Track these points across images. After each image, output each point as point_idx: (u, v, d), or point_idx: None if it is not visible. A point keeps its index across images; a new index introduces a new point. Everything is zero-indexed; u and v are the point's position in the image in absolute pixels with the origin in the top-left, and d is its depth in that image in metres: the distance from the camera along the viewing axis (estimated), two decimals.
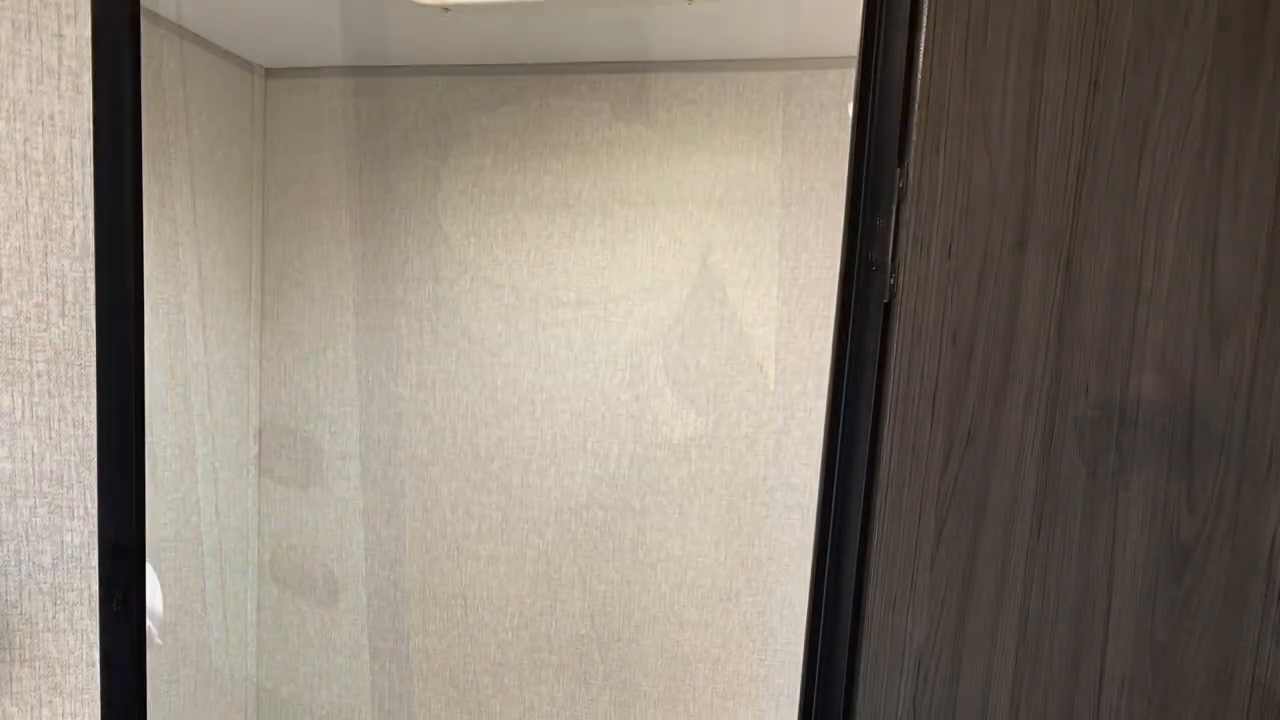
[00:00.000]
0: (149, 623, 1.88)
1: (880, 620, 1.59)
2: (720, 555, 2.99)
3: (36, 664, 1.71)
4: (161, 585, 2.62)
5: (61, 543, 1.71)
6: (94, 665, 1.74)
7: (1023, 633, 1.54)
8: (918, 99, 1.50)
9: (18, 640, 1.69)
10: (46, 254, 1.67)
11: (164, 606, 2.66)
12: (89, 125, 1.67)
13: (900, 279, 1.53)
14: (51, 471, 1.69)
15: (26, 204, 1.66)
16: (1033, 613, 1.54)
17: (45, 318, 1.68)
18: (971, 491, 1.54)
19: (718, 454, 3.01)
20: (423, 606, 3.17)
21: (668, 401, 3.05)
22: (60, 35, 1.65)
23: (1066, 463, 1.52)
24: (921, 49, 1.49)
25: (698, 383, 3.04)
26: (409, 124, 3.16)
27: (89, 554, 1.72)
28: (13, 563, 1.68)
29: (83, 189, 1.68)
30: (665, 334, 3.06)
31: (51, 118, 1.66)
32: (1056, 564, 1.52)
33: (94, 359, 1.70)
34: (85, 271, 1.69)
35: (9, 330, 1.67)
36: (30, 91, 1.65)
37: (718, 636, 3.00)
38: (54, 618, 1.71)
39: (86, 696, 1.74)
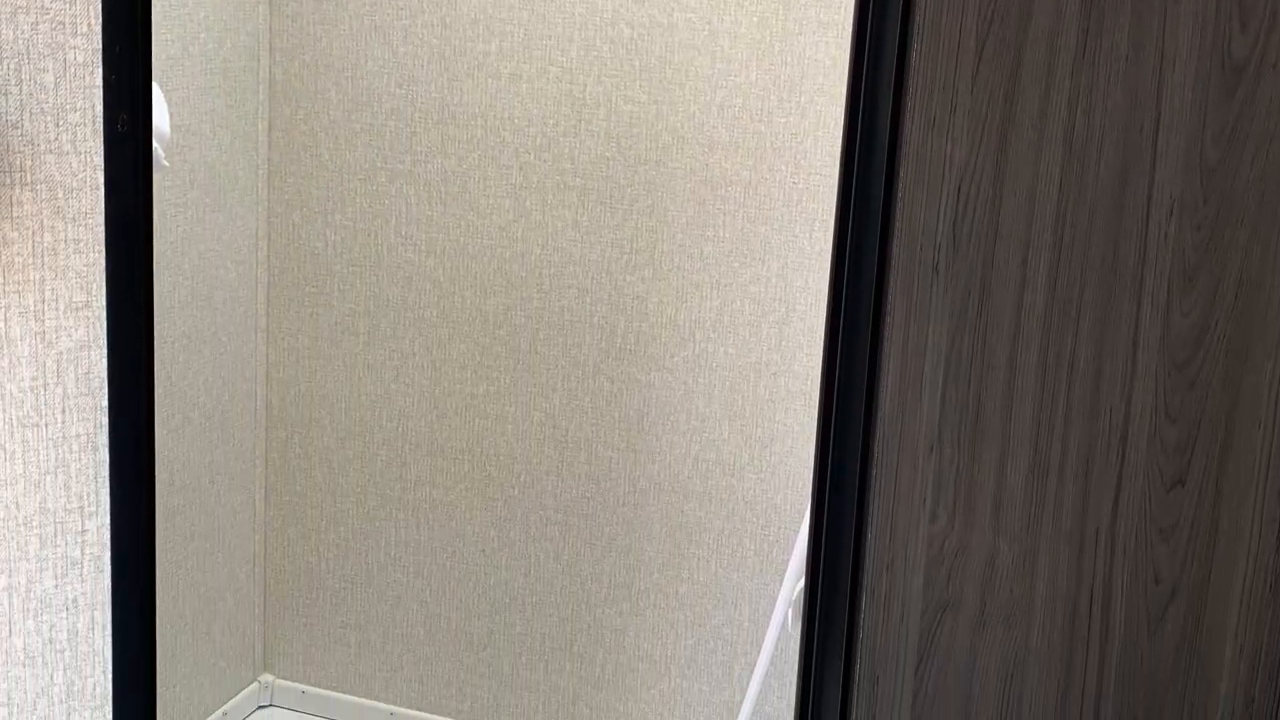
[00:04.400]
0: (155, 144, 1.89)
1: (919, 142, 1.59)
2: (751, 74, 2.97)
3: (38, 187, 1.72)
4: (169, 105, 2.63)
5: (64, 60, 1.70)
6: (98, 188, 1.75)
7: (1067, 153, 1.54)
8: None
9: (18, 162, 1.70)
10: None
11: (170, 127, 2.67)
12: None
13: None
14: None
15: None
16: (1078, 132, 1.54)
17: None
18: (1015, 6, 1.53)
19: None
20: (441, 128, 3.17)
21: None
22: None
23: None
24: None
25: None
26: None
27: (93, 72, 1.72)
28: (13, 81, 1.68)
29: None
30: None
31: None
32: (1103, 81, 1.52)
33: None
34: None
35: None
36: None
37: (748, 158, 3.01)
38: (56, 139, 1.72)
39: (90, 221, 1.76)
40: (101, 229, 1.77)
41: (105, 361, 1.79)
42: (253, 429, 3.41)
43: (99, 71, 1.71)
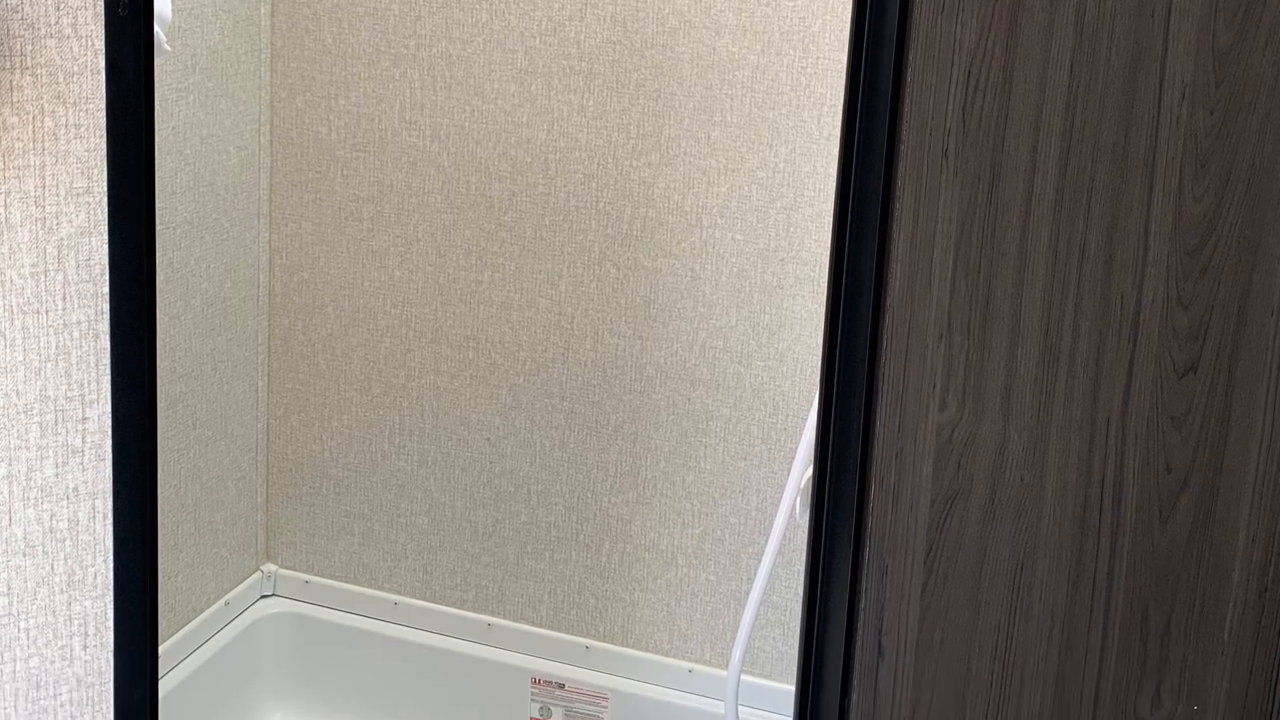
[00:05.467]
0: (156, 28, 1.89)
1: (928, 26, 1.59)
2: None
3: (39, 72, 1.72)
4: None
5: None
6: (99, 73, 1.75)
7: (1078, 37, 1.54)
8: None
9: (18, 47, 1.70)
10: None
11: (172, 10, 2.66)
12: None
13: None
14: None
15: None
16: (1088, 15, 1.54)
17: None
18: None
19: None
20: (445, 11, 3.16)
21: None
22: None
23: None
24: None
25: None
26: None
27: None
28: None
29: None
30: None
31: None
32: None
33: None
34: None
35: None
36: None
37: (756, 42, 2.99)
38: (57, 23, 1.72)
39: (91, 106, 1.76)
40: (103, 114, 1.76)
41: (106, 248, 1.79)
42: (255, 316, 3.42)
43: None
